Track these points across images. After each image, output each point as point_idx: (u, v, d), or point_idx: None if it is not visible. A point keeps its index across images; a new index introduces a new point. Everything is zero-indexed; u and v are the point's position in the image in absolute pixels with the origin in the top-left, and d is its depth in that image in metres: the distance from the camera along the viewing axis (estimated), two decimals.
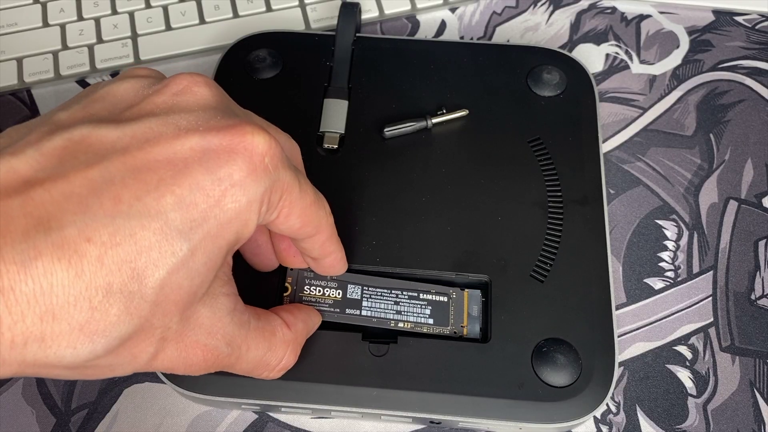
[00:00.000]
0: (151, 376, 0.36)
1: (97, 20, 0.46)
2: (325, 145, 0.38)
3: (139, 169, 0.21)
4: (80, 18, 0.46)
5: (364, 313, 0.33)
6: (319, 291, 0.33)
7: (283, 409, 0.33)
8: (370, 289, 0.33)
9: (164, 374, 0.32)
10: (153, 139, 0.22)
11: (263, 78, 0.40)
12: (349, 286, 0.33)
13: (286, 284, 0.33)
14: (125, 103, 0.24)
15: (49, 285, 0.19)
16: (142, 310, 0.21)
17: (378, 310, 0.33)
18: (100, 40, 0.45)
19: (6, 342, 0.19)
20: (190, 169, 0.22)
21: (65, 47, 0.45)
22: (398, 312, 0.33)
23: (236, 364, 0.26)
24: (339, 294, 0.33)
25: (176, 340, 0.23)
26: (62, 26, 0.46)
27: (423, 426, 0.35)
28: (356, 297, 0.33)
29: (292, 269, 0.33)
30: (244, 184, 0.23)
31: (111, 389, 0.36)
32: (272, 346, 0.28)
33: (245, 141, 0.23)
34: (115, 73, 0.45)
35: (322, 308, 0.33)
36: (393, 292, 0.33)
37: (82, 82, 0.45)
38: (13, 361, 0.20)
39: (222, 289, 0.25)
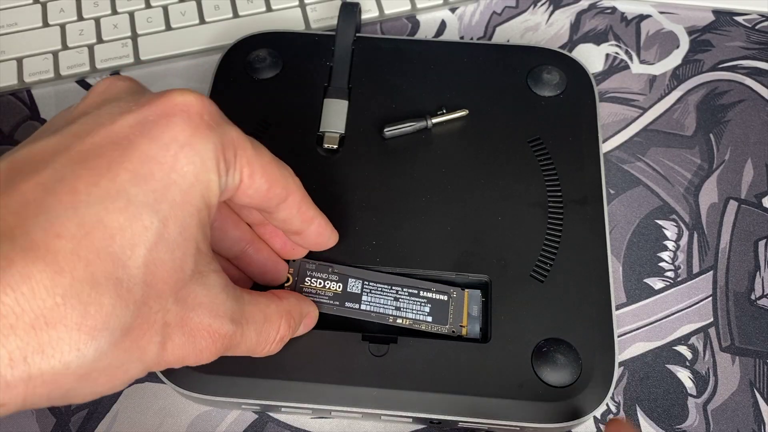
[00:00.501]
0: (151, 376, 0.36)
1: (97, 20, 0.46)
2: (325, 145, 0.38)
3: (86, 158, 0.22)
4: (80, 18, 0.46)
5: (363, 307, 0.33)
6: (320, 283, 0.33)
7: (283, 409, 0.33)
8: (370, 283, 0.33)
9: (164, 374, 0.32)
10: (92, 131, 0.22)
11: (263, 78, 0.40)
12: (350, 279, 0.33)
13: (287, 275, 0.33)
14: (61, 123, 0.24)
15: (31, 290, 0.19)
16: (134, 294, 0.21)
17: (377, 305, 0.33)
18: (100, 40, 0.45)
19: (4, 360, 0.19)
20: (135, 143, 0.22)
21: (65, 47, 0.45)
22: (397, 308, 0.33)
23: (241, 343, 0.26)
24: (339, 287, 0.33)
25: (180, 325, 0.23)
26: (62, 26, 0.46)
27: (423, 426, 0.35)
28: (356, 291, 0.33)
29: (293, 260, 0.33)
30: (192, 143, 0.23)
31: None
32: (268, 317, 0.28)
33: (178, 103, 0.23)
34: (115, 73, 0.45)
35: (321, 300, 0.33)
36: (393, 288, 0.33)
37: (83, 82, 0.45)
38: (19, 382, 0.19)
39: (209, 266, 0.24)
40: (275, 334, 0.28)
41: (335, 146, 0.38)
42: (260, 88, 0.40)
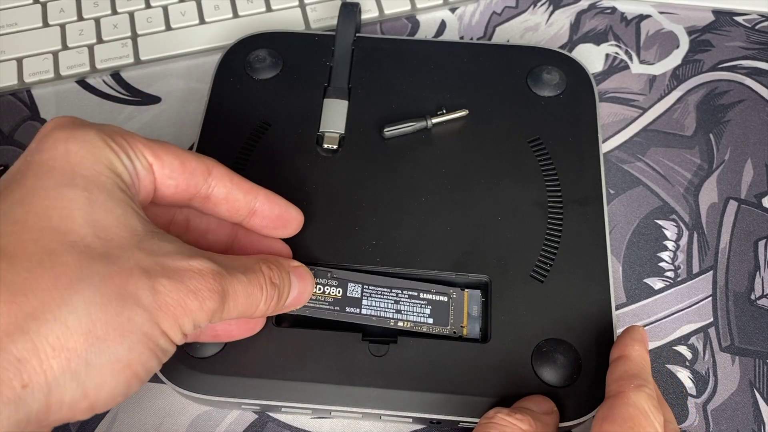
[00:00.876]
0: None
1: (97, 20, 0.46)
2: (325, 145, 0.38)
3: (2, 189, 0.25)
4: (80, 18, 0.46)
5: (364, 311, 0.33)
6: (319, 289, 0.33)
7: (283, 409, 0.33)
8: (370, 287, 0.33)
9: (164, 374, 0.32)
10: (3, 178, 0.26)
11: (263, 78, 0.40)
12: (349, 284, 0.33)
13: None
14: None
15: None
16: (95, 248, 0.23)
17: (378, 308, 0.33)
18: (100, 40, 0.45)
19: (2, 334, 0.21)
20: (30, 160, 0.25)
21: (65, 47, 0.45)
22: (398, 311, 0.33)
23: (235, 284, 0.26)
24: (339, 292, 0.33)
25: (161, 270, 0.24)
26: (62, 26, 0.46)
27: (423, 426, 0.35)
28: (356, 295, 0.33)
29: None
30: (73, 134, 0.25)
31: None
32: (246, 264, 0.28)
33: (48, 124, 0.26)
34: (115, 73, 0.45)
35: (322, 306, 0.33)
36: (393, 291, 0.33)
37: (83, 82, 0.45)
38: (26, 354, 0.21)
39: (162, 231, 0.26)
40: (263, 278, 0.28)
41: (335, 146, 0.38)
42: (260, 88, 0.40)
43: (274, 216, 0.31)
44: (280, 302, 0.29)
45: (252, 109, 0.39)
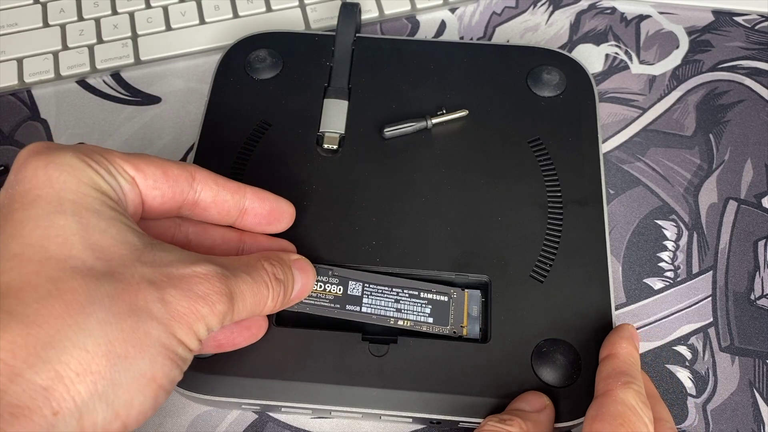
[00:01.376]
0: None
1: (97, 20, 0.46)
2: (325, 146, 0.38)
3: None
4: (80, 18, 0.46)
5: (364, 309, 0.33)
6: (320, 286, 0.33)
7: (283, 409, 0.33)
8: (371, 286, 0.33)
9: None
10: None
11: (263, 78, 0.40)
12: (350, 282, 0.33)
13: None
14: None
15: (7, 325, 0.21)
16: (98, 269, 0.23)
17: (378, 307, 0.33)
18: (100, 41, 0.45)
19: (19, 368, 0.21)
20: (11, 193, 0.25)
21: (65, 47, 0.45)
22: (398, 310, 0.33)
23: (241, 285, 0.26)
24: (340, 290, 0.33)
25: (167, 280, 0.24)
26: (62, 26, 0.46)
27: (423, 426, 0.35)
28: (357, 294, 0.33)
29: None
30: (51, 160, 0.25)
31: None
32: (248, 263, 0.28)
33: (22, 153, 0.26)
34: (115, 73, 0.45)
35: (322, 304, 0.33)
36: (394, 290, 0.33)
37: (83, 83, 0.45)
38: (48, 381, 0.21)
39: (160, 242, 0.26)
40: (267, 276, 0.28)
41: (335, 146, 0.38)
42: (260, 88, 0.40)
43: (266, 212, 0.32)
44: (286, 297, 0.29)
45: (252, 110, 0.39)
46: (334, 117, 0.38)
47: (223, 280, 0.25)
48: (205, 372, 0.32)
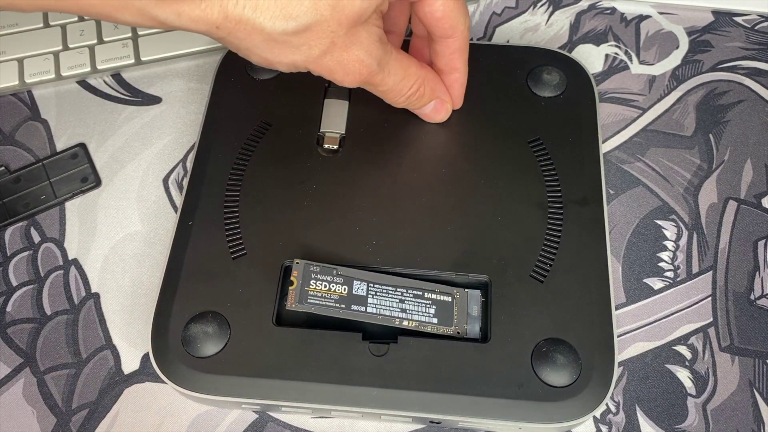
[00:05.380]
0: (151, 376, 0.36)
1: (97, 21, 0.46)
2: (326, 146, 0.38)
3: None
4: (81, 18, 0.46)
5: (369, 309, 0.33)
6: (325, 286, 0.33)
7: (283, 409, 0.33)
8: (375, 286, 0.33)
9: (164, 374, 0.32)
10: None
11: (263, 78, 0.40)
12: (354, 281, 0.33)
13: (292, 278, 0.33)
14: None
15: None
16: (324, 10, 0.28)
17: (383, 307, 0.33)
18: (100, 41, 0.45)
19: None
20: None
21: (66, 48, 0.45)
22: (403, 310, 0.33)
23: (380, 84, 0.33)
24: (345, 290, 0.33)
25: (342, 49, 0.30)
26: (63, 27, 0.46)
27: (423, 426, 0.35)
28: (362, 293, 0.33)
29: (297, 263, 0.33)
30: None
31: (111, 389, 0.36)
32: (406, 75, 0.34)
33: None
34: (115, 74, 0.45)
35: (327, 303, 0.33)
36: (398, 290, 0.33)
37: (83, 83, 0.45)
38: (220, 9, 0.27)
39: (377, 21, 0.31)
40: (407, 89, 0.34)
41: (335, 147, 0.38)
42: (260, 88, 0.40)
43: (440, 104, 0.37)
44: (418, 103, 0.36)
45: (253, 110, 0.39)
46: (335, 117, 0.39)
47: (369, 77, 0.32)
48: (206, 372, 0.32)
